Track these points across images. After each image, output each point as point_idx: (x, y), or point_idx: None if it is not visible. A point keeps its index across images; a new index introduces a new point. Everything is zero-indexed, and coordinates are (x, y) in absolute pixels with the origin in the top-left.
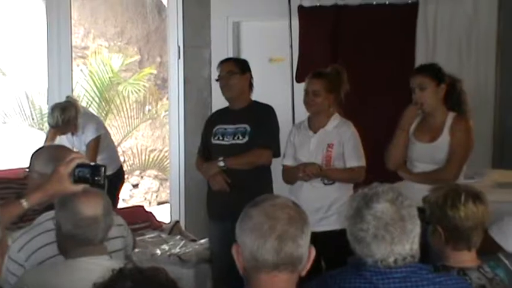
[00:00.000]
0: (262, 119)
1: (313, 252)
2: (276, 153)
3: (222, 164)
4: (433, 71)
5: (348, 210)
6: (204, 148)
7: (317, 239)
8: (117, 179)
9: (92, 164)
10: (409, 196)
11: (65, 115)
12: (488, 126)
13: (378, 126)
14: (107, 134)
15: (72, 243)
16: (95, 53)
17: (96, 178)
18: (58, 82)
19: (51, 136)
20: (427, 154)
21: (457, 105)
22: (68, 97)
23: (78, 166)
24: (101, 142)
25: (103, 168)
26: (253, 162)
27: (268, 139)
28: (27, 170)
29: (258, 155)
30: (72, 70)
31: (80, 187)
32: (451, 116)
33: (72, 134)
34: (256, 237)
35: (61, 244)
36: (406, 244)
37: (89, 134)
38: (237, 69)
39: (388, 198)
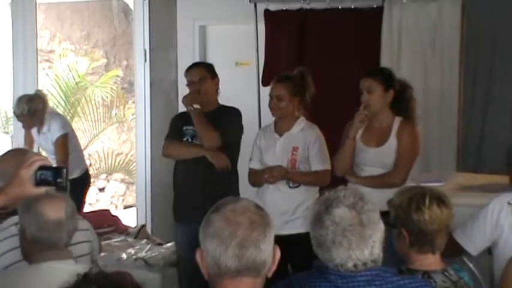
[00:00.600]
0: (229, 121)
1: (278, 253)
2: (235, 155)
3: (191, 108)
4: (383, 76)
5: (311, 214)
6: (175, 134)
7: (283, 242)
8: (83, 182)
9: (54, 166)
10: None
11: (31, 105)
12: (452, 130)
13: (343, 129)
14: (74, 134)
15: (37, 247)
16: (61, 56)
17: (58, 180)
18: (23, 86)
19: (28, 136)
20: (375, 158)
21: (405, 111)
22: (37, 90)
23: (40, 169)
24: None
25: (65, 170)
26: (204, 135)
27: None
28: None
29: (214, 139)
30: (37, 74)
31: (42, 190)
32: (397, 120)
33: (39, 131)
34: (217, 244)
35: (25, 249)
36: (365, 249)
37: (56, 131)
38: (208, 74)
39: (348, 203)
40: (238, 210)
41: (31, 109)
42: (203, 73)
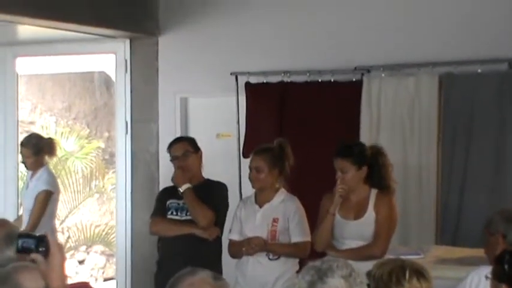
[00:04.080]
0: (216, 198)
1: None
2: (220, 229)
3: (181, 190)
4: (354, 156)
5: (300, 284)
6: (162, 210)
7: None
8: None
9: (37, 235)
10: None
11: (40, 142)
12: (430, 204)
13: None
14: (56, 203)
15: None
16: (42, 128)
17: (40, 249)
18: (3, 156)
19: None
20: (354, 231)
21: (379, 181)
22: (50, 137)
23: (21, 236)
24: (49, 203)
25: (46, 238)
26: (199, 215)
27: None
28: None
29: (209, 217)
30: (18, 145)
31: None
32: (373, 192)
33: (32, 177)
34: None
35: None
36: None
37: (44, 183)
38: (192, 148)
39: (343, 274)
40: (196, 285)
41: (37, 145)
42: (186, 148)
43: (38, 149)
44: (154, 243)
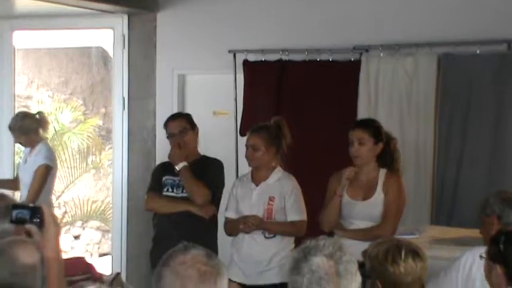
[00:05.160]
0: (212, 174)
1: None
2: (216, 207)
3: (177, 168)
4: (374, 129)
5: (289, 261)
6: (158, 186)
7: None
8: None
9: (31, 205)
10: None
11: (24, 122)
12: (427, 183)
13: (320, 179)
14: (53, 178)
15: None
16: (39, 102)
17: (34, 220)
18: None
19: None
20: (363, 211)
21: (389, 162)
22: (39, 112)
23: (16, 207)
24: (48, 177)
25: (41, 210)
26: (195, 192)
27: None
28: None
29: (205, 195)
30: None
31: None
32: (382, 172)
33: (30, 152)
34: None
35: None
36: None
37: (42, 158)
38: (188, 125)
39: (326, 252)
40: (187, 263)
41: (23, 126)
42: (183, 125)
43: (25, 129)
44: (150, 220)
